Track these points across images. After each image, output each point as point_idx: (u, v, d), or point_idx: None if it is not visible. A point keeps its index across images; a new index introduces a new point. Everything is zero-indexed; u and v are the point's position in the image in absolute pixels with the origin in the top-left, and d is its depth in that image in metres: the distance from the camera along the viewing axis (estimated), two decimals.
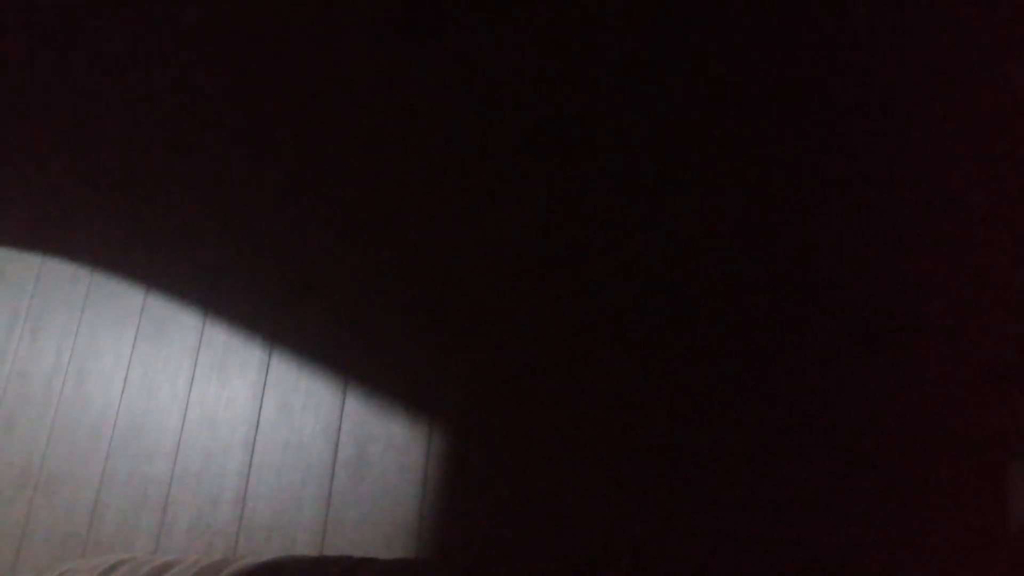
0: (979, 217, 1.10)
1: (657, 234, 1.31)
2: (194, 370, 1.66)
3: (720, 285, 1.24)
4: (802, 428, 1.12)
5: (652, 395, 1.23)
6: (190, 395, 1.64)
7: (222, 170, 1.81)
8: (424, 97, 1.62)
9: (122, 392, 1.73)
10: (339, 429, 1.46)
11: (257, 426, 1.54)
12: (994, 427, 1.01)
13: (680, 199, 1.31)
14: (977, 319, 1.06)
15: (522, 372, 1.34)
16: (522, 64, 1.54)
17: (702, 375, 1.20)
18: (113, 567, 1.22)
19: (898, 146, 1.18)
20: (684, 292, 1.26)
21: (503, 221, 1.45)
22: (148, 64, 2.04)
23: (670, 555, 1.14)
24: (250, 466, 1.51)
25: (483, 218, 1.47)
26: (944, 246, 1.11)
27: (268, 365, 1.58)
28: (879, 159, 1.18)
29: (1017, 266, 1.05)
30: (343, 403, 1.47)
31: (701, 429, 1.18)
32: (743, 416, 1.16)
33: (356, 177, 1.64)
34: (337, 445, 1.45)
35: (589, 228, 1.37)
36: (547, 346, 1.33)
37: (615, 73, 1.44)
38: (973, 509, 1.00)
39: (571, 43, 1.50)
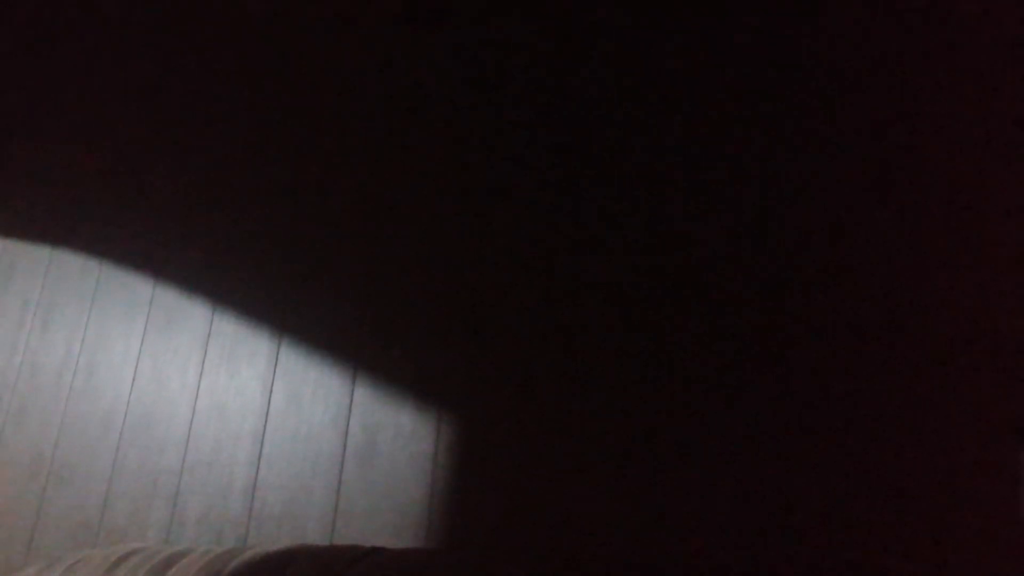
0: (992, 203, 1.08)
1: (663, 229, 1.30)
2: (203, 361, 1.66)
3: (726, 280, 1.22)
4: (813, 421, 1.11)
5: (660, 389, 1.22)
6: (200, 386, 1.64)
7: (229, 161, 1.81)
8: (430, 88, 1.61)
9: (132, 383, 1.73)
10: (348, 418, 1.46)
11: (266, 416, 1.54)
12: (1009, 413, 1.00)
13: (685, 195, 1.30)
14: (989, 305, 1.05)
15: (531, 362, 1.33)
16: (527, 55, 1.52)
17: (709, 367, 1.19)
18: (124, 557, 1.23)
19: (909, 137, 1.16)
20: (689, 285, 1.25)
21: (510, 212, 1.44)
22: (154, 56, 2.03)
23: (675, 548, 1.13)
24: (260, 456, 1.52)
25: (490, 208, 1.46)
26: (956, 231, 1.09)
27: (277, 355, 1.58)
28: (888, 150, 1.17)
29: None
30: (352, 393, 1.47)
31: (708, 420, 1.17)
32: (753, 409, 1.15)
33: (363, 167, 1.63)
34: (346, 435, 1.45)
35: (596, 220, 1.36)
36: (556, 337, 1.33)
37: (623, 65, 1.43)
38: (990, 495, 0.99)
39: (578, 34, 1.49)
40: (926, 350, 1.07)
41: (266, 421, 1.54)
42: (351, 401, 1.46)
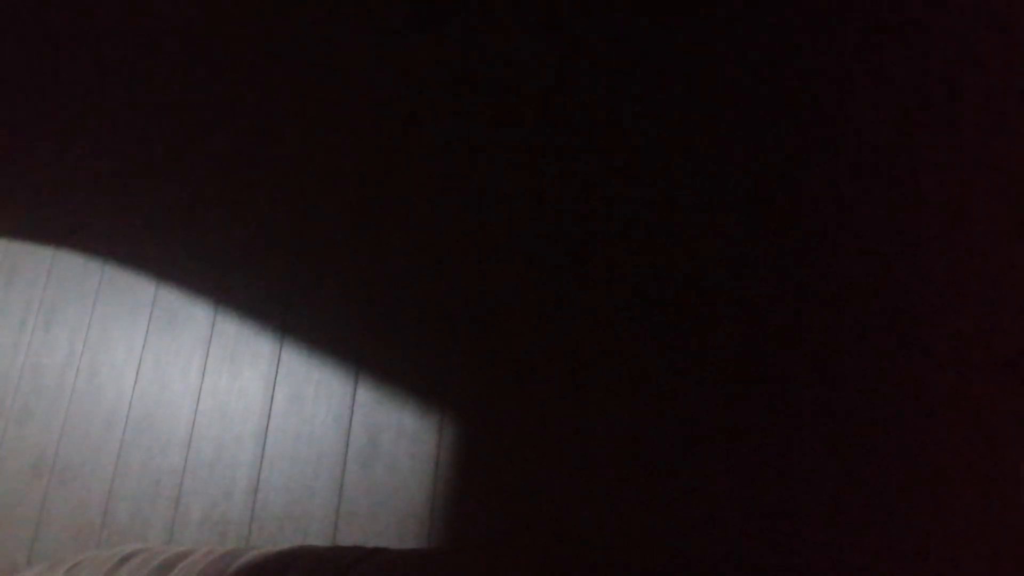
0: (992, 208, 1.08)
1: (668, 231, 1.30)
2: (206, 361, 1.66)
3: (730, 283, 1.22)
4: (816, 424, 1.11)
5: (663, 389, 1.22)
6: (202, 386, 1.64)
7: (231, 163, 1.81)
8: (432, 89, 1.61)
9: (135, 384, 1.73)
10: (350, 419, 1.45)
11: (269, 417, 1.54)
12: (1012, 414, 1.00)
13: (688, 194, 1.30)
14: (993, 307, 1.04)
15: (534, 363, 1.33)
16: (531, 57, 1.52)
17: (713, 369, 1.19)
18: (127, 557, 1.23)
19: (916, 141, 1.16)
20: (694, 287, 1.25)
21: (513, 212, 1.44)
22: (156, 57, 2.04)
23: (676, 549, 1.13)
24: (262, 457, 1.52)
25: (493, 209, 1.46)
26: (960, 232, 1.09)
27: (279, 356, 1.58)
28: (893, 154, 1.17)
29: None
30: (354, 393, 1.47)
31: (711, 421, 1.17)
32: (756, 411, 1.15)
33: (365, 169, 1.63)
34: (349, 435, 1.45)
35: (598, 220, 1.36)
36: (558, 336, 1.33)
37: (631, 67, 1.43)
38: (993, 496, 0.99)
39: (583, 37, 1.49)
40: (927, 353, 1.07)
41: (268, 422, 1.54)
42: (353, 402, 1.46)
